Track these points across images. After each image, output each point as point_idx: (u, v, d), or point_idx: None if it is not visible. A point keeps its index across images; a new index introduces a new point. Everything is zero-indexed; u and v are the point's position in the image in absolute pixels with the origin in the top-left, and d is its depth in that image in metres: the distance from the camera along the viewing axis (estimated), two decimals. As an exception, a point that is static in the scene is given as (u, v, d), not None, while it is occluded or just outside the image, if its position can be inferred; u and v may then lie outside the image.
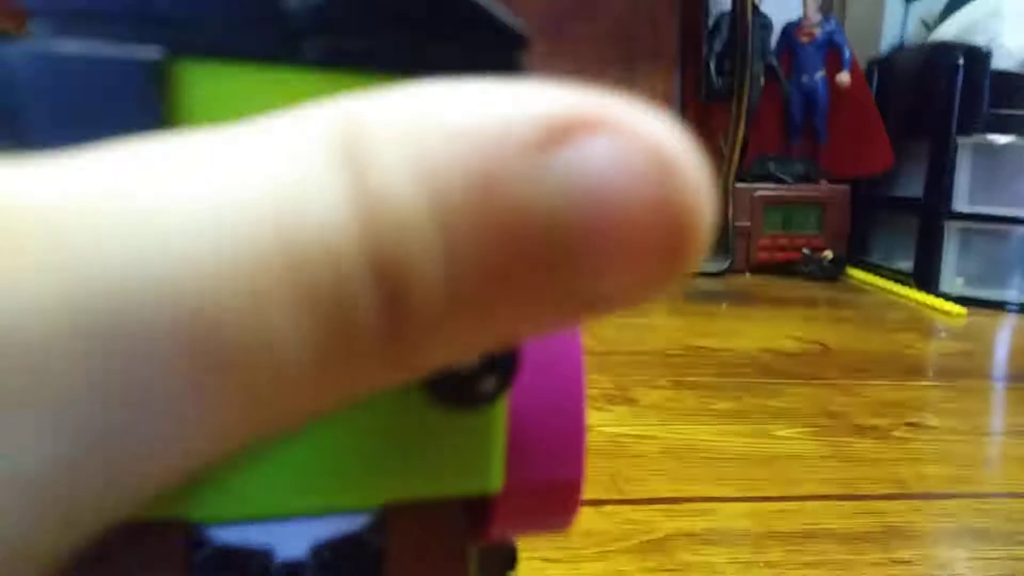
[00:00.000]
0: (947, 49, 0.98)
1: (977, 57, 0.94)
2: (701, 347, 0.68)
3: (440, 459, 0.11)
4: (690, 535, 0.34)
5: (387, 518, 0.11)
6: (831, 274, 1.07)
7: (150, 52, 0.09)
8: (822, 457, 0.43)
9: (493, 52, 0.10)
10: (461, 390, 0.11)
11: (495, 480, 0.11)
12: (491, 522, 0.12)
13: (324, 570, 0.11)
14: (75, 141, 0.08)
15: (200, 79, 0.09)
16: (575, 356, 0.12)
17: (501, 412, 0.11)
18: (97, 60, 0.09)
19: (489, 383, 0.11)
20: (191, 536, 0.10)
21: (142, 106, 0.09)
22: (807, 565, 0.32)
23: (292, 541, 0.11)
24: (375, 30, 0.10)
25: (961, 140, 0.95)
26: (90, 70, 0.09)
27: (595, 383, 0.55)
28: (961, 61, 0.94)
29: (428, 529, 0.12)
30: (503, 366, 0.11)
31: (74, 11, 0.09)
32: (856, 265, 1.13)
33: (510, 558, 0.14)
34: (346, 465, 0.11)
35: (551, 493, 0.12)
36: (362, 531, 0.11)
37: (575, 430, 0.12)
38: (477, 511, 0.12)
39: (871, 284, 1.06)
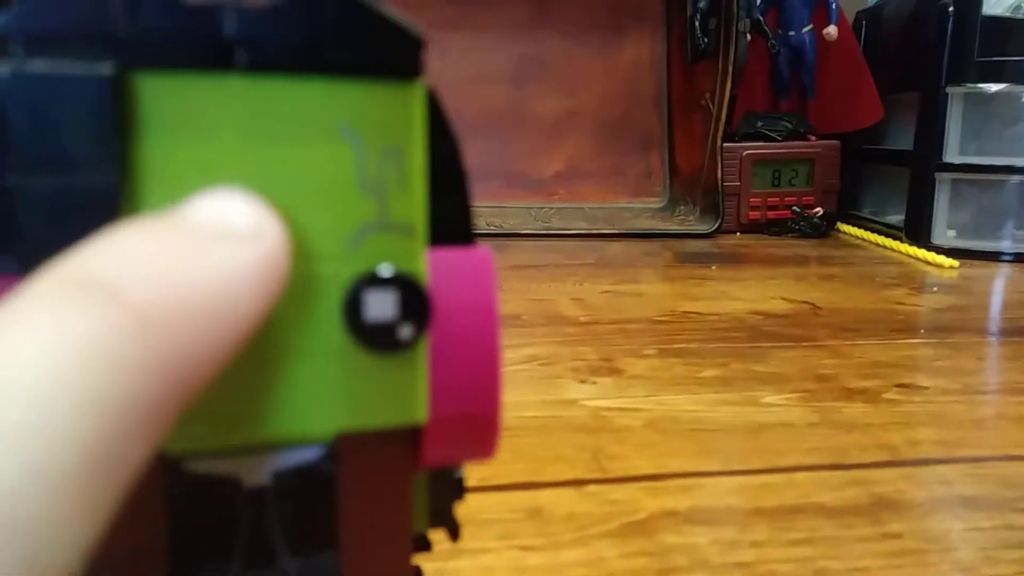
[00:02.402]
0: (937, -5, 0.95)
1: (968, 3, 0.91)
2: (689, 312, 0.67)
3: (373, 396, 0.13)
4: (673, 514, 0.33)
5: (338, 450, 0.13)
6: (822, 231, 1.06)
7: (105, 68, 0.11)
8: (810, 425, 0.42)
9: (396, 53, 0.12)
10: (383, 337, 0.12)
11: (420, 413, 0.13)
12: (423, 450, 0.14)
13: (284, 495, 0.13)
14: (48, 147, 0.11)
15: (151, 88, 0.11)
16: (490, 304, 0.14)
17: (422, 354, 0.13)
18: (60, 76, 0.11)
19: (407, 330, 0.12)
20: (167, 467, 0.12)
21: (101, 113, 0.11)
22: (793, 543, 0.31)
23: (256, 470, 0.13)
24: (292, 41, 0.11)
25: (951, 89, 0.93)
26: (55, 85, 0.11)
27: (581, 355, 0.54)
28: (952, 8, 0.91)
29: (374, 459, 0.14)
30: (418, 315, 0.12)
31: (39, 35, 0.10)
32: (847, 220, 1.12)
33: (458, 489, 0.16)
34: (296, 401, 0.12)
35: (472, 424, 0.14)
36: (316, 461, 0.13)
37: (490, 366, 0.13)
38: (415, 442, 0.14)
39: (862, 239, 1.04)
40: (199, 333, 0.10)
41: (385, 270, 0.12)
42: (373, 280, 0.12)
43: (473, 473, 0.35)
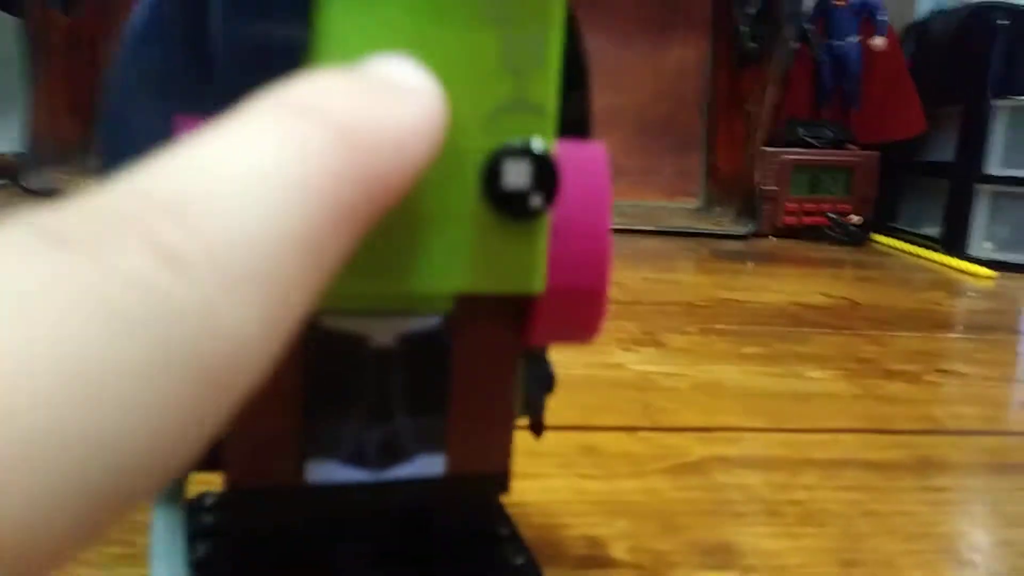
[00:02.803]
0: (989, 9, 0.96)
1: (1021, 17, 0.92)
2: (728, 299, 0.68)
3: (497, 262, 0.14)
4: (724, 459, 0.34)
5: (456, 322, 0.15)
6: (857, 239, 1.06)
7: None
8: (854, 396, 0.43)
9: None
10: (517, 204, 0.13)
11: (538, 282, 0.14)
12: (534, 325, 0.15)
13: (405, 358, 0.15)
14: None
15: None
16: (603, 191, 0.15)
17: (544, 227, 0.14)
18: None
19: (538, 199, 0.13)
20: (306, 320, 0.12)
21: None
22: (843, 488, 0.32)
23: (383, 332, 0.14)
24: None
25: (998, 103, 0.93)
26: None
27: (622, 329, 0.55)
28: (1004, 22, 0.92)
29: (486, 333, 0.15)
30: (549, 187, 0.13)
31: None
32: (882, 231, 1.12)
33: (549, 382, 0.19)
34: (426, 261, 0.13)
35: (581, 299, 0.15)
36: (435, 328, 0.15)
37: (601, 247, 0.15)
38: (523, 320, 0.15)
39: (898, 249, 1.05)
40: (386, 160, 0.11)
41: (523, 143, 0.13)
42: (512, 151, 0.13)
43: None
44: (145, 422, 0.08)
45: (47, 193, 1.03)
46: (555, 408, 0.39)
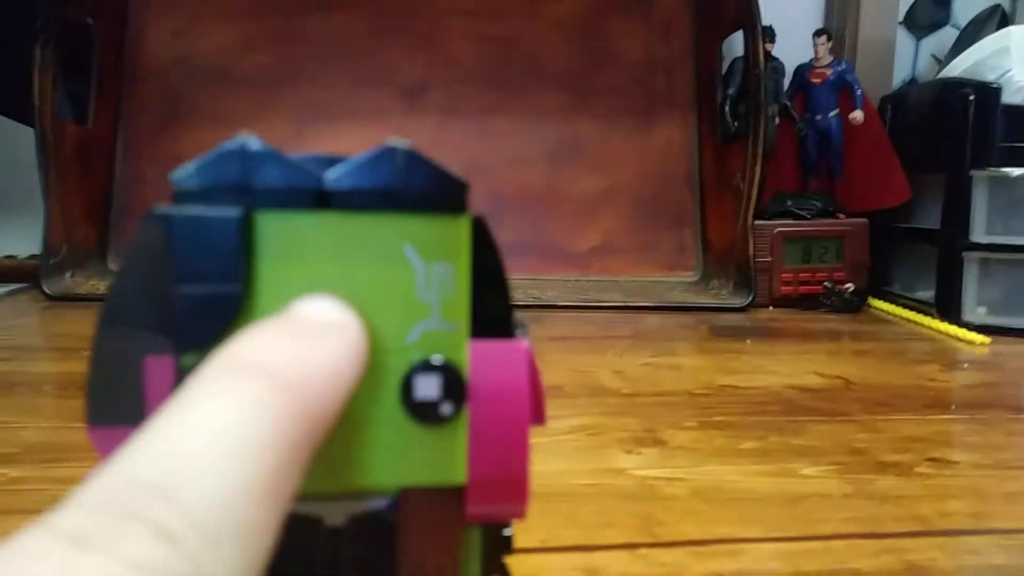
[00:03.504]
0: (958, 86, 1.00)
1: (988, 93, 0.96)
2: (727, 386, 0.70)
3: (423, 458, 0.16)
4: (720, 576, 0.36)
5: (401, 502, 0.16)
6: (853, 306, 1.09)
7: (236, 211, 0.15)
8: (845, 496, 0.45)
9: (447, 194, 0.16)
10: (429, 412, 0.16)
11: (459, 474, 0.16)
12: (466, 506, 0.17)
13: (356, 535, 0.16)
14: (198, 265, 0.15)
15: (267, 224, 0.15)
16: (520, 387, 0.17)
17: (461, 427, 0.16)
18: (207, 216, 0.15)
19: (447, 407, 0.16)
20: None
21: (233, 242, 0.15)
22: (833, 603, 0.33)
23: (335, 513, 0.16)
24: (373, 186, 0.16)
25: (976, 173, 0.97)
26: (204, 222, 0.15)
27: (625, 426, 0.57)
28: (972, 97, 0.96)
29: (429, 511, 0.17)
30: (457, 395, 0.16)
31: (198, 189, 0.15)
32: (878, 296, 1.14)
33: (507, 545, 0.19)
34: (367, 462, 0.16)
35: (504, 487, 0.17)
36: (383, 510, 0.16)
37: (518, 440, 0.17)
38: (460, 500, 0.17)
39: (894, 315, 1.07)
40: (321, 395, 0.13)
41: (433, 359, 0.16)
42: (423, 367, 0.16)
43: (533, 536, 0.39)
44: None
45: (65, 297, 1.07)
46: (559, 527, 0.41)
